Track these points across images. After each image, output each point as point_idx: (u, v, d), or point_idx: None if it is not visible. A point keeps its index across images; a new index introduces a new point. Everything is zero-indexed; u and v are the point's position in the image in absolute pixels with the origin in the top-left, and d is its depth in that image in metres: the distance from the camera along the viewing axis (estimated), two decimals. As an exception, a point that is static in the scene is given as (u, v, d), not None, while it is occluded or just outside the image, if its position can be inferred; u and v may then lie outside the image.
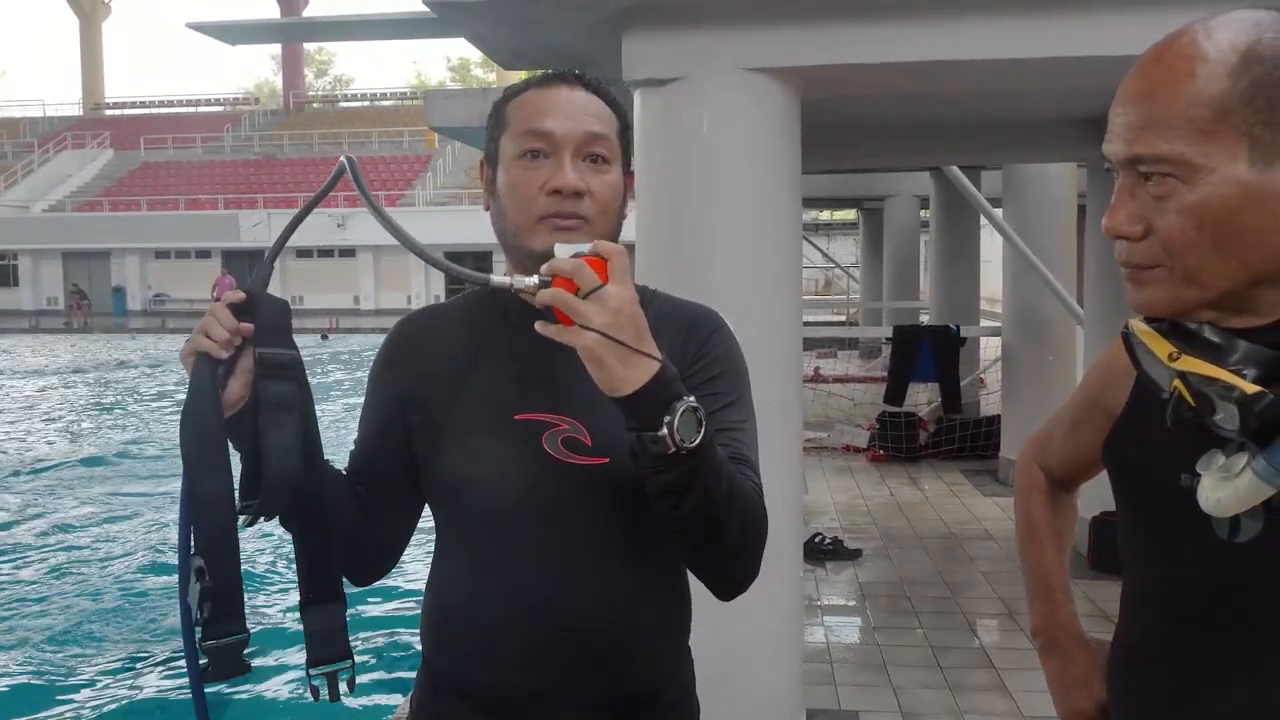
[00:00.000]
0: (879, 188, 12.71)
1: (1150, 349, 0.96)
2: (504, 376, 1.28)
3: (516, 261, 1.26)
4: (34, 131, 44.76)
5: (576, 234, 1.20)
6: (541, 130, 1.22)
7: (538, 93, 1.27)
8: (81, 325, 30.55)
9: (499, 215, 1.27)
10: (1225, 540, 0.94)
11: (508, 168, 1.25)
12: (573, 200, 1.21)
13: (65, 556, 7.40)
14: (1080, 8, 2.80)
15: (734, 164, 3.00)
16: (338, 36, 28.02)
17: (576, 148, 1.23)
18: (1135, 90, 0.93)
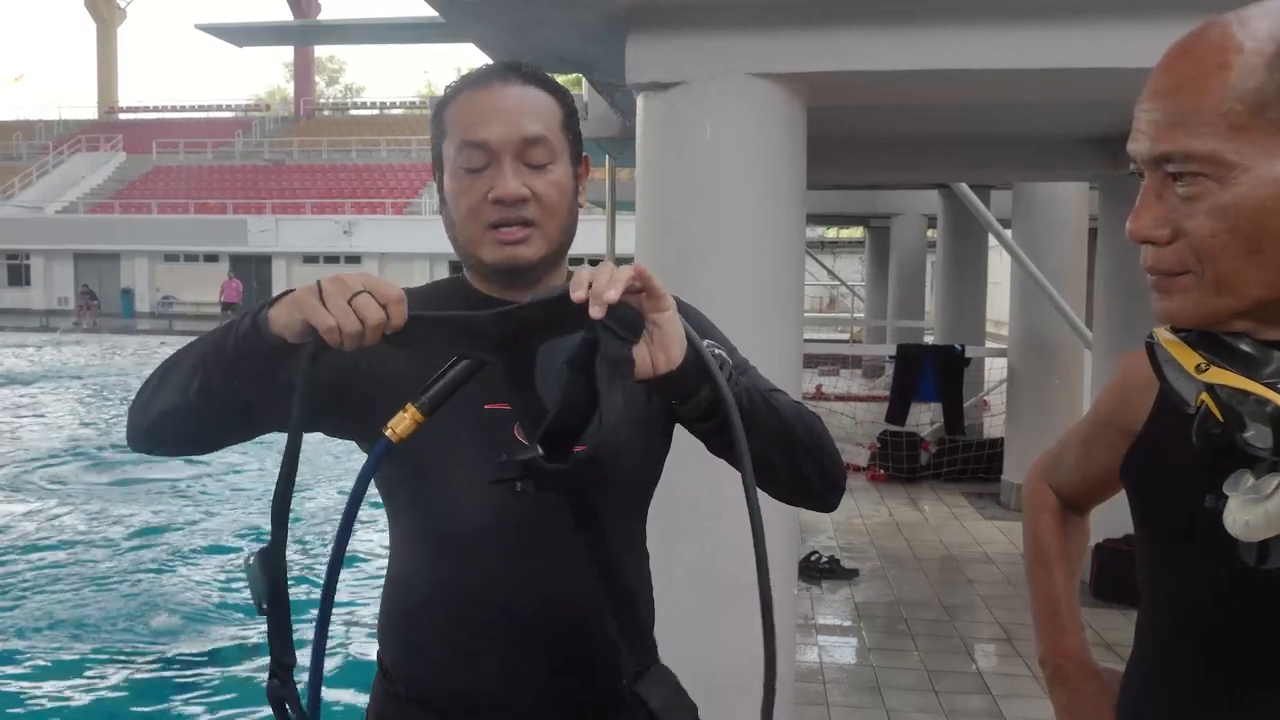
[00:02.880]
0: (886, 205, 12.68)
1: (1176, 360, 0.90)
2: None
3: (470, 268, 1.29)
4: (49, 134, 45.04)
5: (525, 245, 1.20)
6: (476, 140, 1.20)
7: (472, 94, 1.23)
8: (90, 326, 30.63)
9: (449, 224, 1.26)
10: (1251, 567, 0.86)
11: (452, 176, 1.23)
12: (517, 207, 1.20)
13: (74, 554, 7.36)
14: (1096, 18, 2.74)
15: (737, 170, 2.95)
16: (344, 40, 28.08)
17: (516, 152, 1.20)
18: (1163, 84, 0.87)
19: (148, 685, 5.16)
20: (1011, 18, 2.79)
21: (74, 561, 7.18)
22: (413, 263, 34.34)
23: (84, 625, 5.94)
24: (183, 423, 1.15)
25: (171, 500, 9.20)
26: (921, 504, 7.59)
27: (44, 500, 9.17)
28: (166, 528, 8.15)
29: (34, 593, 6.51)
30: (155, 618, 6.05)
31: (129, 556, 7.32)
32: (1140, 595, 1.08)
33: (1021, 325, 7.56)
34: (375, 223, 34.55)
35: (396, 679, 1.27)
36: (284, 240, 35.08)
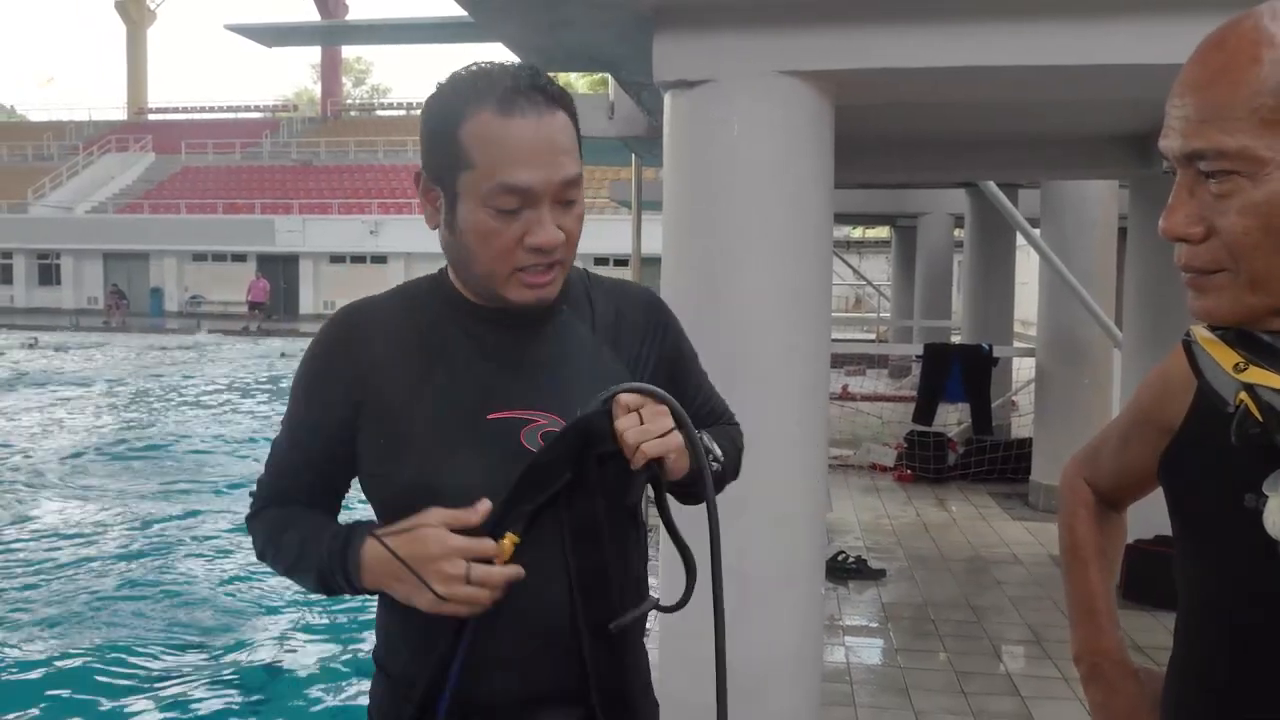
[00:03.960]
0: (913, 205, 12.61)
1: (1214, 358, 0.89)
2: (468, 379, 1.22)
3: (476, 292, 1.25)
4: (79, 135, 45.57)
5: (552, 286, 1.20)
6: (517, 186, 1.13)
7: (501, 123, 1.13)
8: (120, 325, 30.97)
9: (463, 253, 1.21)
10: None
11: (475, 211, 1.16)
12: (552, 252, 1.18)
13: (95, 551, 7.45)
14: (1125, 13, 2.72)
15: (764, 169, 2.94)
16: (373, 40, 28.19)
17: (554, 197, 1.16)
18: (1194, 79, 0.86)
19: (176, 681, 5.21)
20: (1040, 14, 2.76)
21: (100, 557, 7.26)
22: (439, 262, 34.08)
23: (113, 621, 6.00)
24: None
25: (199, 497, 9.29)
26: (949, 504, 7.54)
27: (74, 497, 9.28)
28: (193, 524, 8.23)
29: (59, 588, 6.58)
30: (185, 614, 6.11)
31: (155, 552, 7.39)
32: (1175, 596, 1.06)
33: (1050, 325, 7.49)
34: (401, 223, 34.71)
35: (405, 683, 1.25)
36: (311, 240, 35.32)
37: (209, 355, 23.38)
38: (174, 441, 12.11)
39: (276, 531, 1.29)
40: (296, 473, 1.29)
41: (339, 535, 1.21)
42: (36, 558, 7.29)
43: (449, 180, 1.18)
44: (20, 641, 5.64)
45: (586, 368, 1.24)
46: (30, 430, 12.97)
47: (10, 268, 38.00)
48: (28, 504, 8.96)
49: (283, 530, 1.28)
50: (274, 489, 1.31)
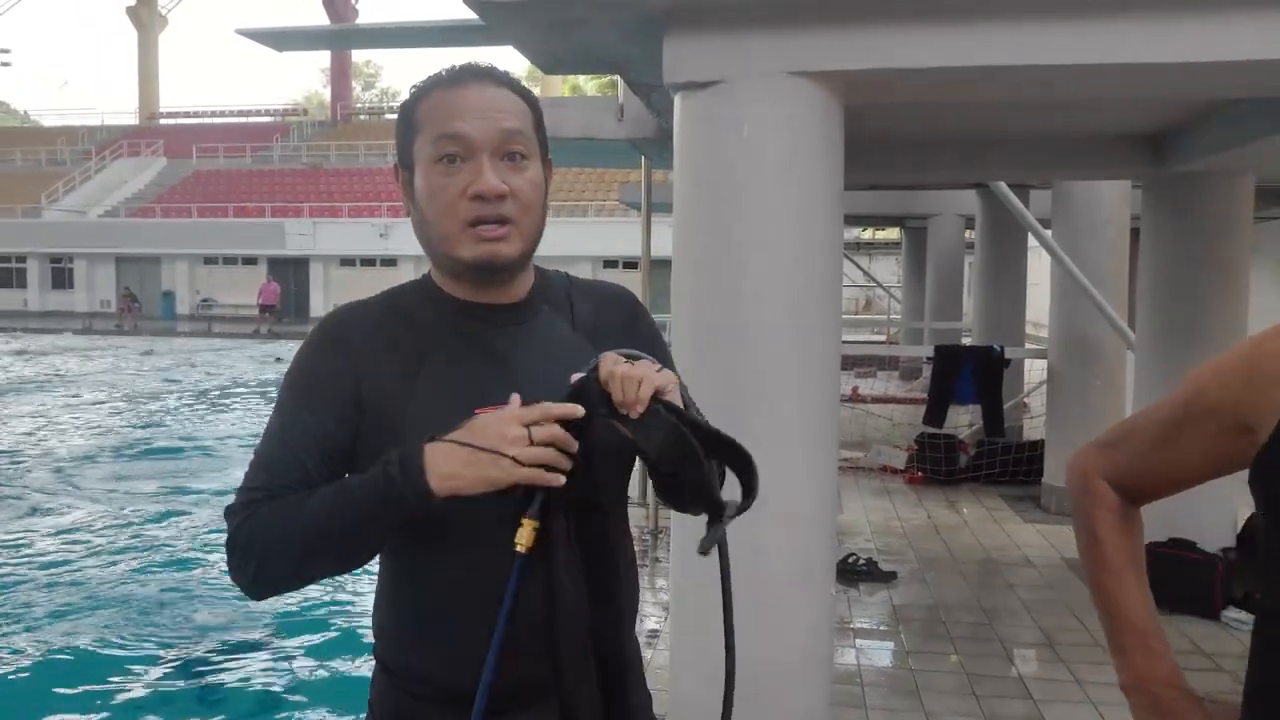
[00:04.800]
0: (923, 206, 12.57)
1: None
2: (458, 376, 1.26)
3: (445, 269, 1.29)
4: (91, 139, 45.81)
5: (505, 242, 1.23)
6: (455, 133, 1.21)
7: (447, 92, 1.24)
8: (132, 328, 31.12)
9: (421, 223, 1.27)
10: None
11: (425, 173, 1.24)
12: (496, 204, 1.21)
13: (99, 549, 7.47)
14: (1137, 13, 2.70)
15: (774, 169, 2.93)
16: (384, 44, 28.26)
17: (495, 148, 1.22)
18: None
19: (185, 678, 5.22)
20: (1051, 13, 2.75)
21: (101, 558, 7.29)
22: (448, 265, 34.56)
23: (121, 621, 6.02)
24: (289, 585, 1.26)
25: (205, 499, 9.32)
26: (960, 506, 7.52)
27: (81, 499, 9.32)
28: (199, 525, 8.25)
29: (67, 590, 6.61)
30: (195, 614, 6.13)
31: (163, 553, 7.42)
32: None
33: (1062, 326, 7.46)
34: (409, 226, 34.70)
35: (414, 679, 1.27)
36: (321, 243, 35.44)
37: (202, 359, 23.46)
38: (176, 443, 12.15)
39: (285, 513, 1.20)
40: (291, 471, 1.24)
41: (390, 461, 1.16)
42: (37, 558, 7.32)
43: (407, 155, 1.27)
44: (21, 641, 5.67)
45: (569, 364, 1.26)
46: (32, 431, 13.03)
47: (24, 271, 38.22)
48: (30, 505, 9.00)
49: (295, 508, 1.20)
50: (269, 488, 1.24)
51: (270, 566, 1.21)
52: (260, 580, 1.22)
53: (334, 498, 1.19)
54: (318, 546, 1.19)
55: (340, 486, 1.20)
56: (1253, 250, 5.34)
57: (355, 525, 1.17)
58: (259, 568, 1.21)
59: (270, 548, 1.20)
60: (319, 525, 1.18)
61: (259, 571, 1.21)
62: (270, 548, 1.20)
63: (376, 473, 1.17)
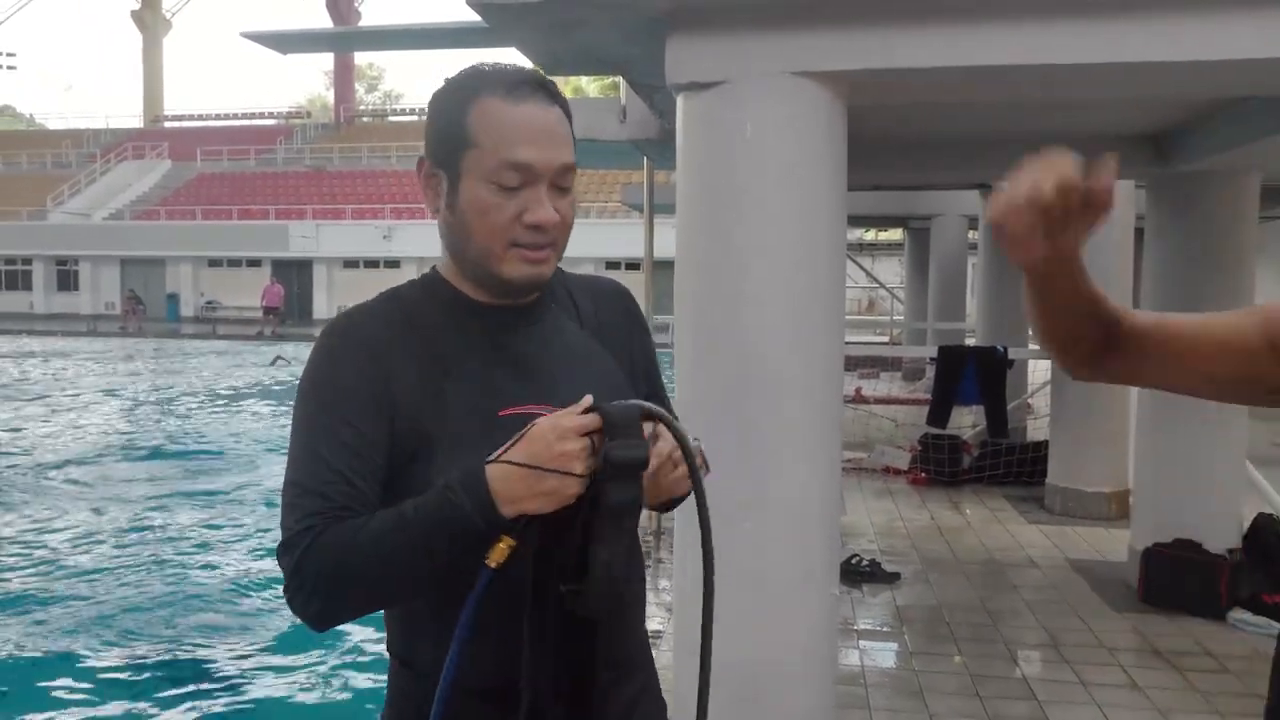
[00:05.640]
0: (926, 207, 12.56)
1: None
2: (478, 378, 1.25)
3: (474, 277, 1.28)
4: (96, 142, 45.95)
5: (546, 265, 1.25)
6: (521, 163, 1.20)
7: (506, 107, 1.21)
8: (136, 330, 31.17)
9: (460, 232, 1.25)
10: None
11: (476, 189, 1.22)
12: (547, 231, 1.23)
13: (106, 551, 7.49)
14: (1140, 12, 2.70)
15: (777, 170, 2.93)
16: (387, 46, 28.27)
17: (553, 178, 1.23)
18: None
19: (183, 682, 5.23)
20: (1053, 12, 2.75)
21: (113, 563, 7.29)
22: (451, 267, 34.60)
23: (124, 625, 6.02)
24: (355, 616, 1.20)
25: (210, 502, 9.33)
26: (963, 507, 7.51)
27: (78, 500, 9.33)
28: (204, 529, 8.26)
29: (73, 592, 6.62)
30: (193, 617, 6.13)
31: (168, 556, 7.43)
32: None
33: (1065, 327, 7.44)
34: (415, 228, 34.83)
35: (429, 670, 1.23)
36: (325, 245, 35.50)
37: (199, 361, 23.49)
38: (179, 444, 12.17)
39: (347, 545, 1.14)
40: (343, 491, 1.18)
41: (453, 487, 1.11)
42: (40, 560, 7.33)
43: (453, 161, 1.23)
44: (24, 642, 5.68)
45: (582, 361, 1.28)
46: (35, 433, 13.06)
47: (30, 274, 38.33)
48: (32, 507, 9.02)
49: (355, 538, 1.14)
50: (325, 513, 1.17)
51: (336, 599, 1.16)
52: (325, 614, 1.18)
53: (395, 531, 1.13)
54: (384, 579, 1.15)
55: (399, 517, 1.13)
56: (1258, 249, 5.32)
57: (415, 557, 1.13)
58: (325, 602, 1.16)
59: (335, 582, 1.15)
60: (384, 559, 1.13)
61: (325, 605, 1.17)
62: (335, 582, 1.15)
63: (437, 499, 1.12)
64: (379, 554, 1.13)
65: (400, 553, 1.12)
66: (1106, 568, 5.77)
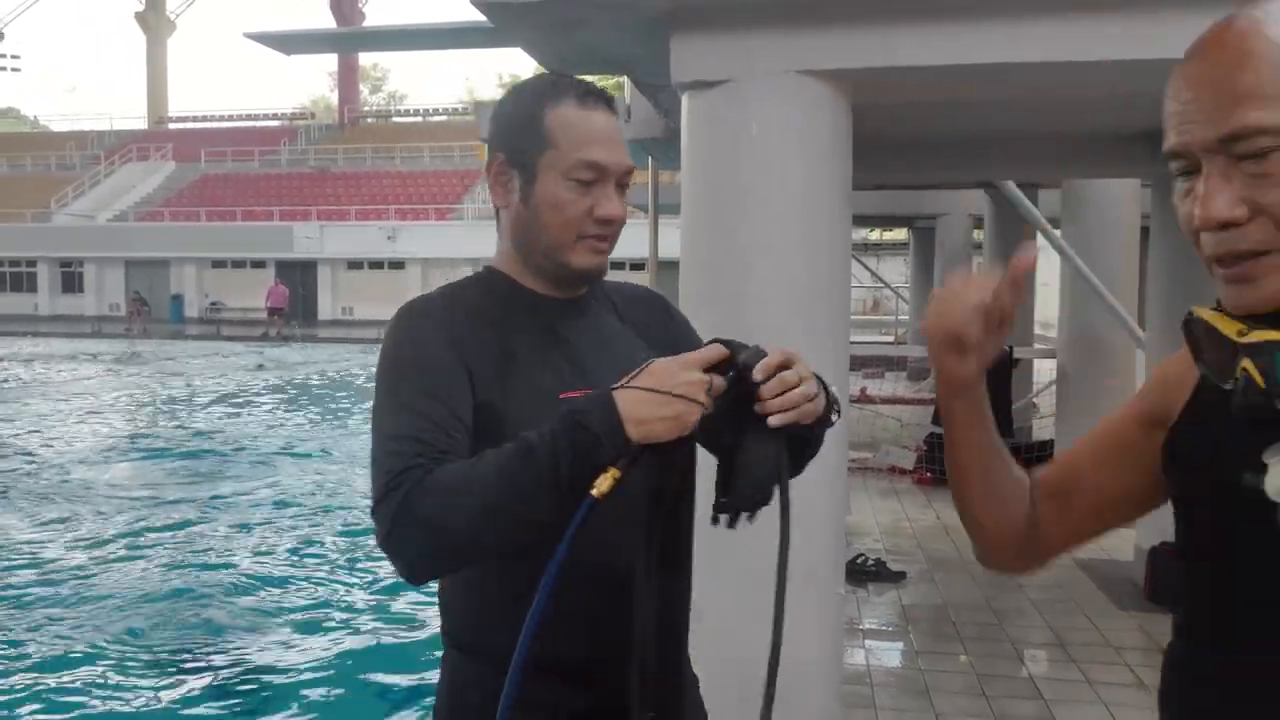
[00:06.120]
0: (931, 206, 12.55)
1: (1217, 328, 0.89)
2: (539, 361, 1.35)
3: (536, 267, 1.39)
4: (100, 144, 46.00)
5: (606, 254, 1.39)
6: (595, 162, 1.34)
7: (580, 114, 1.35)
8: (141, 331, 31.21)
9: (534, 225, 1.36)
10: None
11: (552, 186, 1.34)
12: (612, 225, 1.37)
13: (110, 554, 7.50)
14: (1144, 8, 2.69)
15: (782, 169, 2.93)
16: (391, 46, 28.32)
17: (619, 178, 1.37)
18: (1204, 72, 0.88)
19: (181, 684, 5.23)
20: (1058, 10, 2.74)
21: (114, 564, 7.31)
22: (456, 268, 34.55)
23: (129, 625, 6.03)
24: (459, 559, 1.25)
25: (214, 504, 9.34)
26: (969, 507, 7.49)
27: (89, 503, 9.35)
28: (208, 530, 8.28)
29: (77, 593, 6.63)
30: (196, 618, 6.14)
31: (170, 559, 7.44)
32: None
33: (1072, 326, 7.44)
34: (419, 229, 34.87)
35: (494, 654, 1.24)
36: (329, 246, 35.51)
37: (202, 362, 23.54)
38: (183, 445, 12.19)
39: (456, 478, 1.16)
40: (441, 438, 1.22)
41: (580, 410, 1.15)
42: (44, 560, 7.35)
43: (529, 160, 1.35)
44: (29, 644, 5.69)
45: (626, 351, 1.39)
46: (40, 435, 13.09)
47: (34, 276, 38.35)
48: (37, 508, 9.04)
49: (467, 471, 1.17)
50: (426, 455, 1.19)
51: (443, 538, 1.17)
52: (428, 556, 1.19)
53: (514, 455, 1.15)
54: (498, 511, 1.15)
55: (520, 443, 1.15)
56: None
57: (539, 483, 1.14)
58: (430, 542, 1.17)
59: (446, 515, 1.15)
60: (498, 488, 1.14)
61: (429, 546, 1.17)
62: (446, 515, 1.15)
63: (564, 423, 1.15)
64: (499, 481, 1.14)
65: (523, 477, 1.14)
66: (1112, 567, 5.76)
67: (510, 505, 1.14)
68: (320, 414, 15.16)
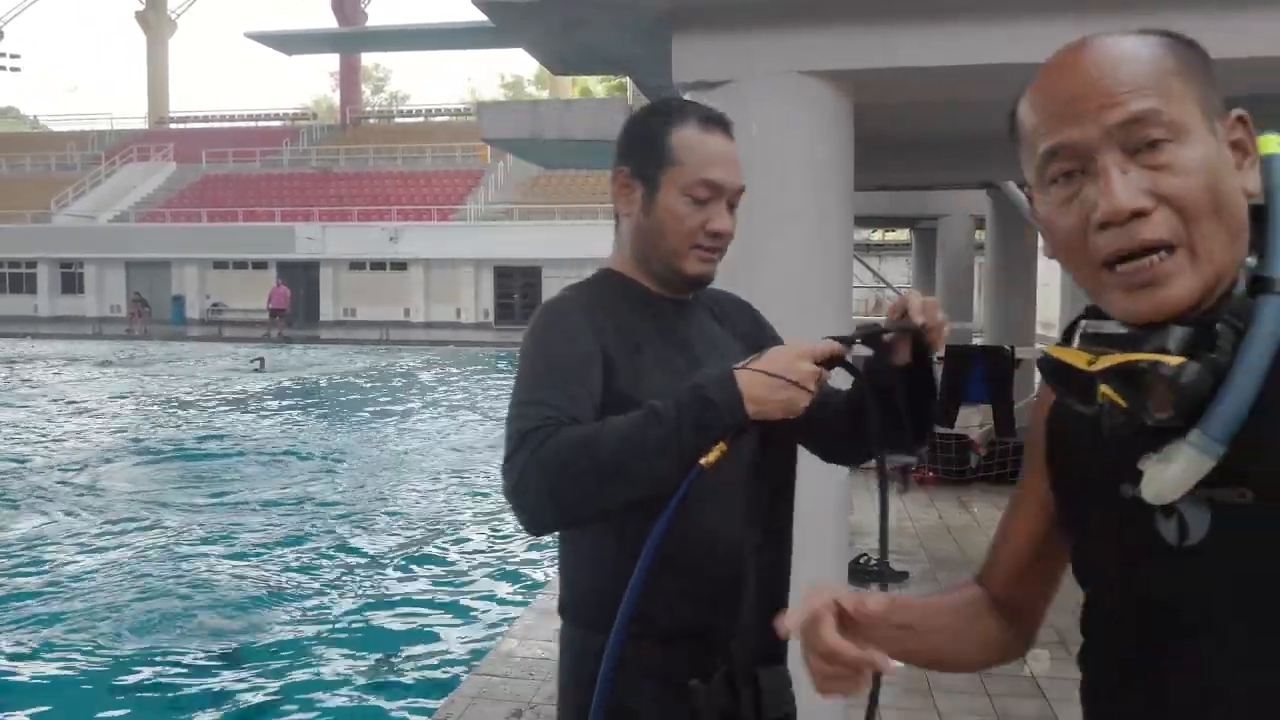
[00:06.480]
0: (933, 207, 12.54)
1: (1069, 363, 0.89)
2: (663, 355, 1.49)
3: (652, 271, 1.54)
4: (101, 144, 46.02)
5: (715, 264, 1.54)
6: (712, 181, 1.47)
7: (702, 137, 1.49)
8: (142, 333, 31.23)
9: (653, 234, 1.50)
10: (1175, 547, 0.87)
11: (672, 199, 1.48)
12: (721, 238, 1.51)
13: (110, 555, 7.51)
14: (1145, 10, 2.69)
15: (783, 170, 2.93)
16: (393, 46, 28.35)
17: (729, 198, 1.51)
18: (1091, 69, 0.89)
19: (194, 681, 5.24)
20: (1058, 10, 2.75)
21: (115, 566, 7.31)
22: (458, 268, 34.56)
23: (130, 626, 6.04)
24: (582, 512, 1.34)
25: (215, 505, 9.35)
26: (971, 506, 7.50)
27: (85, 505, 9.36)
28: (208, 533, 8.29)
29: (75, 595, 6.64)
30: (202, 619, 6.15)
31: (174, 558, 7.45)
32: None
33: (1072, 325, 7.42)
34: (421, 229, 34.87)
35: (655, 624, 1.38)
36: (331, 247, 35.50)
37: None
38: (184, 447, 12.20)
39: (588, 433, 1.29)
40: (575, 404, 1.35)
41: (704, 384, 1.29)
42: (47, 565, 7.36)
43: (653, 175, 1.49)
44: (34, 648, 5.69)
45: (726, 349, 1.54)
46: (40, 436, 13.10)
47: (34, 276, 38.33)
48: (37, 510, 9.05)
49: (598, 428, 1.29)
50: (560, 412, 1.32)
51: (563, 491, 1.27)
52: (548, 506, 1.29)
53: (638, 419, 1.28)
54: (618, 470, 1.26)
55: (645, 409, 1.29)
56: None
57: (660, 447, 1.26)
58: (551, 492, 1.27)
59: (568, 470, 1.26)
60: (620, 448, 1.26)
61: (547, 496, 1.28)
62: (568, 470, 1.26)
63: (689, 395, 1.28)
64: (621, 443, 1.27)
65: (646, 440, 1.26)
66: (1114, 566, 5.77)
67: (630, 464, 1.26)
68: (323, 417, 15.17)
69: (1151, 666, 0.92)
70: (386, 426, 14.02)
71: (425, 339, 29.65)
